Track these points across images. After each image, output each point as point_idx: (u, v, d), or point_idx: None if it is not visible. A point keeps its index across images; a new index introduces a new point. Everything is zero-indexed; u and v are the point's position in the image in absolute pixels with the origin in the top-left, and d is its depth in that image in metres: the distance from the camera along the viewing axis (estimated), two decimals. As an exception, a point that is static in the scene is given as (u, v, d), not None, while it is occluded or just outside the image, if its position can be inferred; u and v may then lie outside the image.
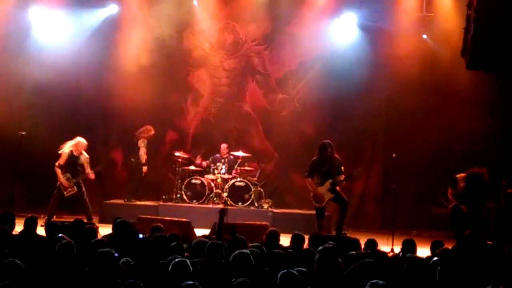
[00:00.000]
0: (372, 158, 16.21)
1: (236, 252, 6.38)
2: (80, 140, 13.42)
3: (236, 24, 16.63)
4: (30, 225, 8.33)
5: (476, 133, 14.66)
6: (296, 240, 8.18)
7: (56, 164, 13.29)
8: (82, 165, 13.39)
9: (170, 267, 5.81)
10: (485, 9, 11.14)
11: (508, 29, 11.23)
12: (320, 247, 6.61)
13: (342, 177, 12.21)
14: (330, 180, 12.05)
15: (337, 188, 12.18)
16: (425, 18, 15.58)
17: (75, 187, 13.34)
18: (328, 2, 16.00)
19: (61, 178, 13.27)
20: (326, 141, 12.38)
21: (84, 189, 13.56)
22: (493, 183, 12.37)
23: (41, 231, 8.70)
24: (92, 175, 13.54)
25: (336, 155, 12.24)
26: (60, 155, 13.33)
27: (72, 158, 13.33)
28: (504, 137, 14.34)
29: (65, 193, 13.36)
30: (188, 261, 5.92)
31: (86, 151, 13.61)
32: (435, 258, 6.99)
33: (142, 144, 15.13)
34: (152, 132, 15.27)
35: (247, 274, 5.99)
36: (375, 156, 16.20)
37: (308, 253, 7.07)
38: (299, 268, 5.91)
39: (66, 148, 13.32)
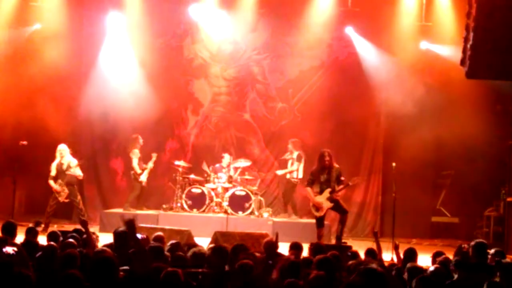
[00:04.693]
0: (371, 167, 16.24)
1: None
2: (59, 147, 14.01)
3: (236, 33, 16.67)
4: (31, 234, 8.34)
5: (476, 142, 14.67)
6: (294, 249, 8.18)
7: (49, 177, 13.92)
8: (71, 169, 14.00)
9: (161, 276, 5.80)
10: (484, 19, 11.16)
11: (507, 38, 11.25)
12: (318, 256, 6.64)
13: (341, 186, 12.18)
14: (329, 189, 12.02)
15: (337, 197, 12.15)
16: (424, 27, 15.63)
17: (65, 189, 13.87)
18: (327, 11, 16.03)
19: (54, 186, 13.87)
20: (325, 149, 12.39)
21: (79, 197, 14.20)
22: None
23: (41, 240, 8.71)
24: (77, 172, 14.05)
25: (335, 165, 12.22)
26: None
27: (60, 166, 13.94)
28: (504, 146, 14.36)
29: (59, 198, 13.93)
30: (179, 270, 5.90)
31: (85, 157, 14.46)
32: (435, 266, 7.00)
33: (132, 155, 15.19)
34: (140, 140, 15.31)
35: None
36: (375, 165, 16.23)
37: (308, 262, 7.07)
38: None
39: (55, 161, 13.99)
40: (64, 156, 13.96)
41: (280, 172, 15.35)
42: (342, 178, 12.22)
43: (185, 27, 16.65)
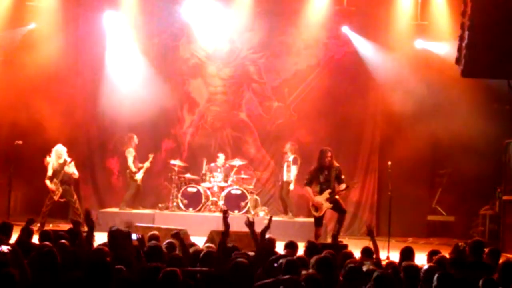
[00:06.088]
0: (368, 166, 16.23)
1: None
2: (56, 148, 14.00)
3: (232, 32, 16.67)
4: (26, 234, 8.33)
5: (472, 141, 14.68)
6: (290, 248, 8.17)
7: (46, 177, 13.91)
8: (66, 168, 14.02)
9: (160, 276, 5.80)
10: (479, 17, 11.18)
11: (502, 37, 11.27)
12: (316, 256, 6.63)
13: (342, 186, 12.06)
14: (329, 190, 11.92)
15: (336, 197, 12.05)
16: (419, 26, 15.65)
17: (60, 188, 13.90)
18: (323, 10, 16.04)
19: (50, 186, 13.89)
20: (326, 148, 12.30)
21: (75, 196, 14.20)
22: None
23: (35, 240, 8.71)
24: (70, 170, 14.06)
25: (335, 164, 12.11)
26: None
27: (56, 166, 13.93)
28: (499, 144, 14.38)
29: (54, 197, 13.96)
30: (178, 270, 5.90)
31: (80, 156, 14.63)
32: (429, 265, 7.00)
33: (128, 154, 15.19)
34: (135, 139, 15.29)
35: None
36: (371, 164, 16.23)
37: (303, 261, 7.07)
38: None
39: (50, 159, 13.99)
40: (62, 157, 13.95)
41: (292, 177, 14.98)
42: (343, 177, 12.14)
43: (181, 27, 16.63)
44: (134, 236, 7.88)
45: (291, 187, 14.87)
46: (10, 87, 15.37)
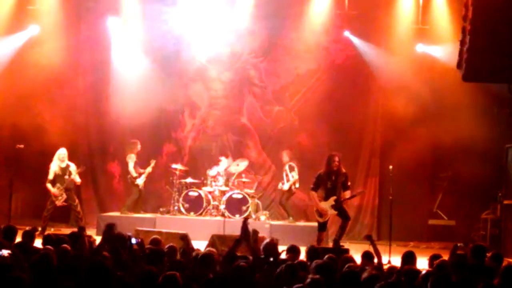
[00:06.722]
0: (368, 170, 16.22)
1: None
2: (59, 152, 14.10)
3: (233, 36, 16.67)
4: (28, 238, 8.34)
5: (473, 144, 14.67)
6: (292, 252, 8.16)
7: (47, 180, 13.99)
8: (70, 174, 14.08)
9: (160, 280, 5.80)
10: (480, 22, 11.18)
11: (503, 41, 11.26)
12: (316, 261, 6.63)
13: (348, 194, 12.03)
14: (335, 197, 11.87)
15: (344, 199, 11.99)
16: (420, 30, 15.65)
17: (64, 194, 13.96)
18: (324, 14, 16.05)
19: (52, 190, 13.95)
20: (333, 152, 12.27)
21: (77, 201, 14.28)
22: None
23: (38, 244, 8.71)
24: (77, 179, 14.16)
25: (343, 169, 12.07)
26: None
27: (59, 170, 14.02)
28: (500, 148, 14.37)
29: (56, 202, 14.02)
30: (177, 274, 5.90)
31: (83, 162, 14.67)
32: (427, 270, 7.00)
33: (129, 159, 15.18)
34: (138, 146, 15.28)
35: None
36: (372, 168, 16.21)
37: (303, 265, 7.07)
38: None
39: (52, 163, 14.08)
40: (64, 160, 13.99)
41: (286, 187, 15.08)
42: (349, 184, 12.11)
43: (182, 30, 16.62)
44: (133, 240, 7.89)
45: (285, 186, 14.86)
46: (11, 89, 15.38)
